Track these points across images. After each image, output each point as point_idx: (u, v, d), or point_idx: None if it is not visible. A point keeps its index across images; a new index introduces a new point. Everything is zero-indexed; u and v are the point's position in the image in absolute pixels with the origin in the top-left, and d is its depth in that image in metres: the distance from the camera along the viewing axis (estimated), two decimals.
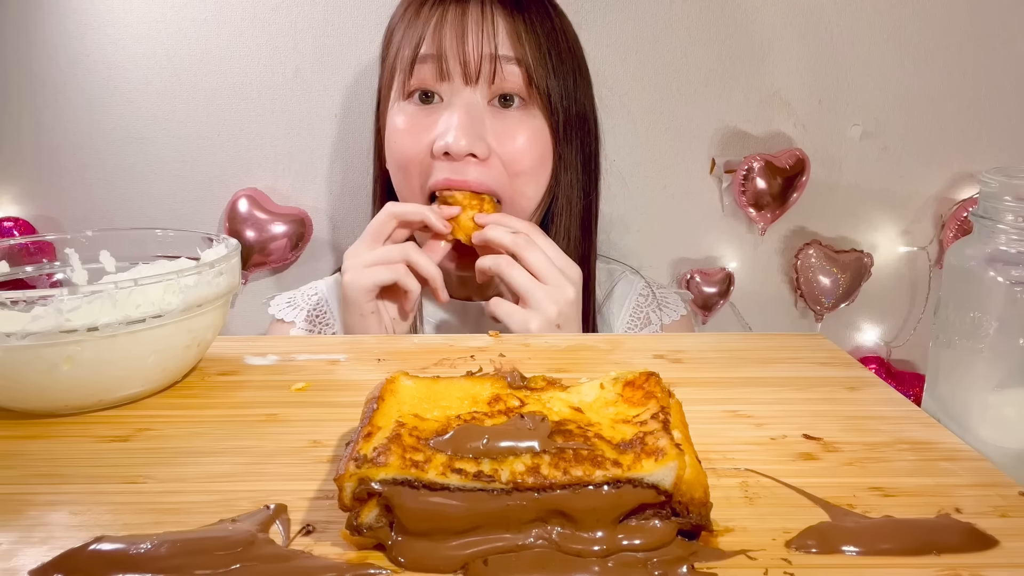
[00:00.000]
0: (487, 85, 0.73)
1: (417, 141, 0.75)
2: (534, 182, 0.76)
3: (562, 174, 0.78)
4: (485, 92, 0.74)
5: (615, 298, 0.88)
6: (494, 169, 0.74)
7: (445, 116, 0.74)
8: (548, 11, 0.77)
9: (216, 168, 1.03)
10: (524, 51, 0.73)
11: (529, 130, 0.75)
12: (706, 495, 0.33)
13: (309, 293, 0.88)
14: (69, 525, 0.35)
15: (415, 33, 0.74)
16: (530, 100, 0.74)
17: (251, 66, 1.00)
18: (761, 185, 1.01)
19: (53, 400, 0.46)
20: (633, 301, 0.87)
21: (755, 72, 1.02)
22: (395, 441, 0.34)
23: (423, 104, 0.76)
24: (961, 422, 0.46)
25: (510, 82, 0.73)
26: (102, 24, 0.98)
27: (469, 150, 0.72)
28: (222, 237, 0.57)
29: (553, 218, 0.79)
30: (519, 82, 0.73)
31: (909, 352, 1.11)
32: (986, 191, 0.45)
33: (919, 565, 0.32)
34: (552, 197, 0.79)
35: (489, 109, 0.74)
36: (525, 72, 0.73)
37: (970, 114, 1.03)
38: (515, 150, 0.74)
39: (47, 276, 0.59)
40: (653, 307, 0.86)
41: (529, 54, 0.73)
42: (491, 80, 0.73)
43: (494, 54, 0.72)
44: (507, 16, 0.73)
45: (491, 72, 0.73)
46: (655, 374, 0.40)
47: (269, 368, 0.55)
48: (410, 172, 0.76)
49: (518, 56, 0.73)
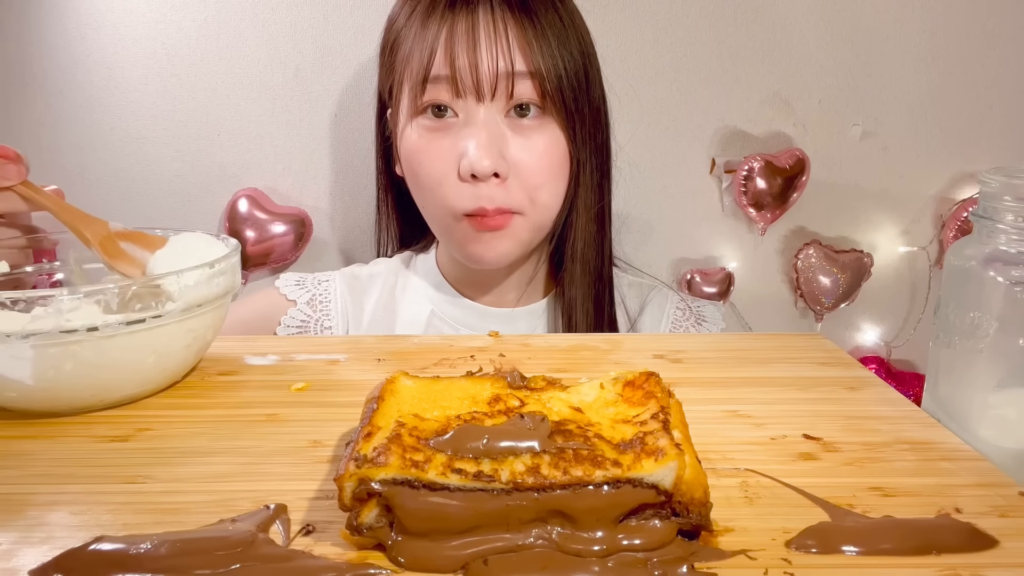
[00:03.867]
0: (505, 100, 0.72)
1: (442, 163, 0.73)
2: (553, 191, 0.76)
3: (581, 176, 0.77)
4: (502, 106, 0.73)
5: (650, 313, 0.86)
6: (513, 188, 0.73)
7: (465, 135, 0.72)
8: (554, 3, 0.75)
9: (216, 168, 1.03)
10: (538, 62, 0.71)
11: (543, 142, 0.74)
12: (706, 495, 0.33)
13: (321, 279, 0.88)
14: (69, 525, 0.35)
15: (425, 47, 0.72)
16: (546, 108, 0.74)
17: (251, 66, 1.00)
18: (761, 185, 1.01)
19: (53, 400, 0.46)
20: (671, 316, 0.86)
21: (755, 72, 1.02)
22: (395, 441, 0.34)
23: (436, 118, 0.74)
24: (961, 422, 0.46)
25: (526, 94, 0.72)
26: (102, 24, 0.98)
27: (493, 170, 0.71)
28: (222, 237, 0.57)
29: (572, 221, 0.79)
30: (534, 94, 0.72)
31: (909, 352, 1.11)
32: (986, 191, 0.45)
33: (919, 565, 0.32)
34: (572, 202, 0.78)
35: (506, 121, 0.73)
36: (539, 85, 0.72)
37: (970, 114, 1.03)
38: (532, 164, 0.73)
39: (47, 276, 0.59)
40: (692, 322, 0.85)
41: (543, 64, 0.72)
42: (508, 95, 0.72)
43: (510, 71, 0.71)
44: (518, 24, 0.71)
45: (506, 88, 0.72)
46: (655, 374, 0.40)
47: (269, 368, 0.55)
48: (437, 194, 0.75)
49: (531, 70, 0.71)
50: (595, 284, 0.80)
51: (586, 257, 0.79)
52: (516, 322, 0.83)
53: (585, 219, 0.79)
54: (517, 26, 0.71)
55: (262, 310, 0.84)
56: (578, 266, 0.79)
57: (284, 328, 0.83)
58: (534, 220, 0.76)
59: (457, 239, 0.76)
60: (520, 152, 0.73)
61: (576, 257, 0.79)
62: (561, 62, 0.73)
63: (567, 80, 0.73)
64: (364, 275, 0.88)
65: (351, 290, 0.86)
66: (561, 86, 0.73)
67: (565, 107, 0.73)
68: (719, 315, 0.88)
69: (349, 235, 1.06)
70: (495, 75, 0.70)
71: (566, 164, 0.76)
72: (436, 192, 0.75)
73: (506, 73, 0.71)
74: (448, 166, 0.73)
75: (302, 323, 0.84)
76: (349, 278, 0.87)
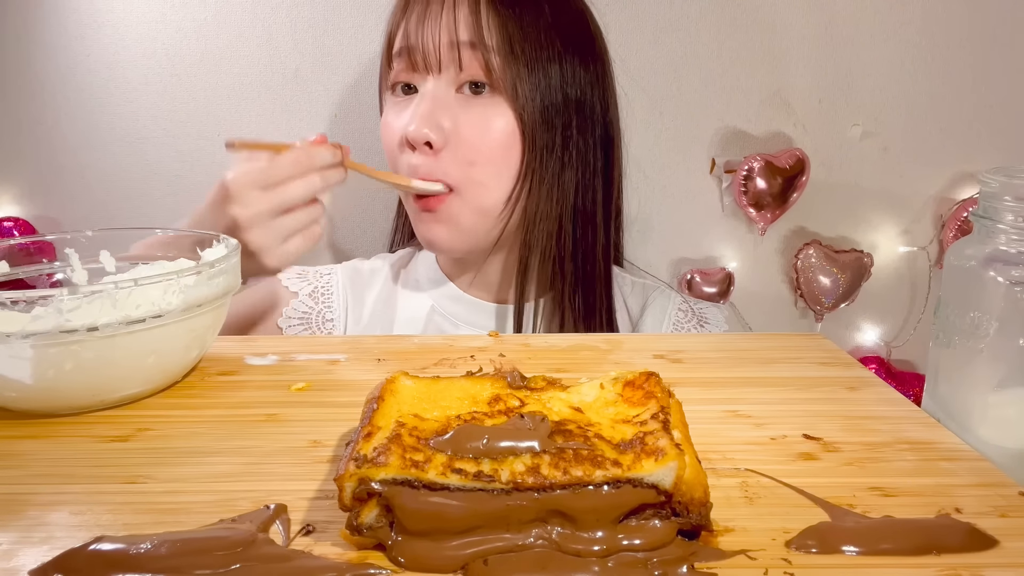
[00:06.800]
0: (455, 72, 0.73)
1: (395, 133, 0.76)
2: (492, 172, 0.74)
3: (538, 164, 0.75)
4: (453, 80, 0.74)
5: (652, 314, 0.86)
6: (445, 160, 0.73)
7: (412, 105, 0.75)
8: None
9: (216, 168, 1.02)
10: (483, 36, 0.71)
11: (490, 118, 0.73)
12: (706, 495, 0.33)
13: (323, 272, 0.88)
14: (69, 525, 0.35)
15: (392, 26, 0.77)
16: (495, 88, 0.73)
17: (251, 66, 1.00)
18: (761, 185, 1.01)
19: (53, 400, 0.46)
20: (673, 318, 0.85)
21: (755, 72, 1.02)
22: (395, 441, 0.34)
23: (403, 95, 0.77)
24: (961, 422, 0.46)
25: (473, 69, 0.73)
26: (102, 24, 0.98)
27: (426, 138, 0.72)
28: (222, 237, 0.58)
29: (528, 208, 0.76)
30: (480, 70, 0.72)
31: (909, 352, 1.11)
32: (986, 191, 0.45)
33: (919, 565, 0.32)
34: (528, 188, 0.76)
35: (457, 97, 0.74)
36: (483, 59, 0.72)
37: (970, 114, 1.03)
38: (471, 139, 0.73)
39: (47, 276, 0.59)
40: (694, 323, 0.85)
41: (492, 39, 0.71)
42: (458, 68, 0.73)
43: (454, 41, 0.72)
44: (471, 2, 0.72)
45: (453, 61, 0.72)
46: (655, 374, 0.40)
47: (269, 368, 0.55)
48: (391, 166, 0.79)
49: (473, 41, 0.71)
50: (577, 282, 0.79)
51: (547, 250, 0.77)
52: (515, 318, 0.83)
53: (546, 208, 0.76)
54: (470, 2, 0.73)
55: (264, 301, 0.85)
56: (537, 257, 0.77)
57: (285, 319, 0.84)
58: (471, 201, 0.75)
59: (412, 218, 0.79)
60: (460, 125, 0.73)
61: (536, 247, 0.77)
62: (514, 40, 0.72)
63: (520, 59, 0.72)
64: (366, 269, 0.89)
65: (353, 284, 0.87)
66: (514, 64, 0.72)
67: (516, 88, 0.72)
68: (722, 317, 0.87)
69: (349, 235, 1.06)
70: (438, 44, 0.72)
71: (514, 147, 0.74)
72: (391, 165, 0.78)
73: (450, 43, 0.72)
74: (398, 134, 0.76)
75: (304, 314, 0.84)
76: (351, 272, 0.88)
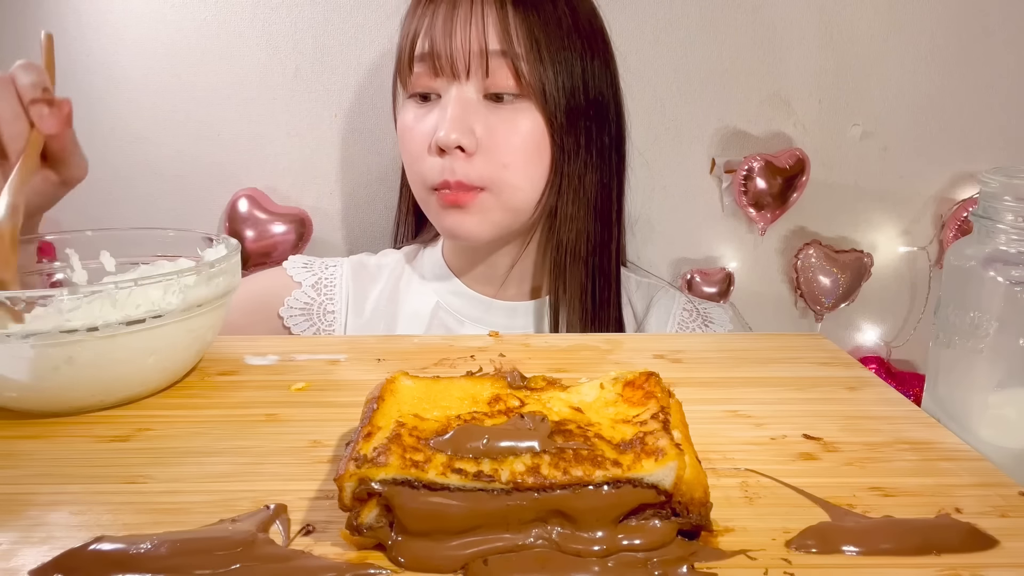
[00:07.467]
0: (480, 80, 0.74)
1: (422, 139, 0.76)
2: (525, 174, 0.76)
3: (565, 164, 0.77)
4: (479, 86, 0.74)
5: (656, 314, 0.86)
6: (477, 163, 0.74)
7: (439, 111, 0.75)
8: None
9: (216, 168, 1.03)
10: (512, 45, 0.72)
11: (519, 123, 0.74)
12: (706, 495, 0.33)
13: (328, 264, 0.89)
14: (69, 525, 0.35)
15: (411, 30, 0.76)
16: (522, 93, 0.74)
17: (251, 66, 1.00)
18: (761, 185, 1.01)
19: (53, 400, 0.46)
20: (677, 317, 0.86)
21: (755, 72, 1.02)
22: (395, 441, 0.34)
23: (424, 100, 0.77)
24: (961, 422, 0.46)
25: (500, 77, 0.73)
26: (102, 24, 0.98)
27: (457, 143, 0.72)
28: (222, 237, 0.58)
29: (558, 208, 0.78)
30: (509, 76, 0.73)
31: (909, 352, 1.11)
32: (986, 191, 0.45)
33: (919, 565, 0.32)
34: (557, 189, 0.78)
35: (484, 103, 0.74)
36: (512, 66, 0.73)
37: (970, 114, 1.03)
38: (503, 143, 0.74)
39: (47, 276, 0.59)
40: (699, 323, 0.85)
41: (520, 47, 0.72)
42: (484, 75, 0.73)
43: (483, 49, 0.72)
44: (498, 9, 0.73)
45: (480, 68, 0.73)
46: (655, 374, 0.40)
47: (269, 368, 0.55)
48: (414, 169, 0.78)
49: (504, 50, 0.72)
50: (594, 280, 0.80)
51: (576, 250, 0.79)
52: (521, 316, 0.83)
53: (573, 208, 0.78)
54: (497, 10, 0.73)
55: (267, 288, 0.85)
56: (567, 256, 0.79)
57: (287, 309, 0.84)
58: (504, 200, 0.76)
59: (432, 212, 0.79)
60: (491, 130, 0.74)
61: (565, 247, 0.79)
62: (539, 45, 0.73)
63: (547, 63, 0.74)
64: (372, 264, 0.89)
65: (357, 278, 0.87)
66: (539, 69, 0.73)
67: (544, 92, 0.74)
68: (726, 317, 0.88)
69: (349, 235, 1.06)
70: (468, 53, 0.72)
71: (544, 149, 0.76)
72: (414, 168, 0.78)
73: (479, 51, 0.72)
74: (426, 142, 0.76)
75: (306, 305, 0.85)
76: (357, 266, 0.89)
